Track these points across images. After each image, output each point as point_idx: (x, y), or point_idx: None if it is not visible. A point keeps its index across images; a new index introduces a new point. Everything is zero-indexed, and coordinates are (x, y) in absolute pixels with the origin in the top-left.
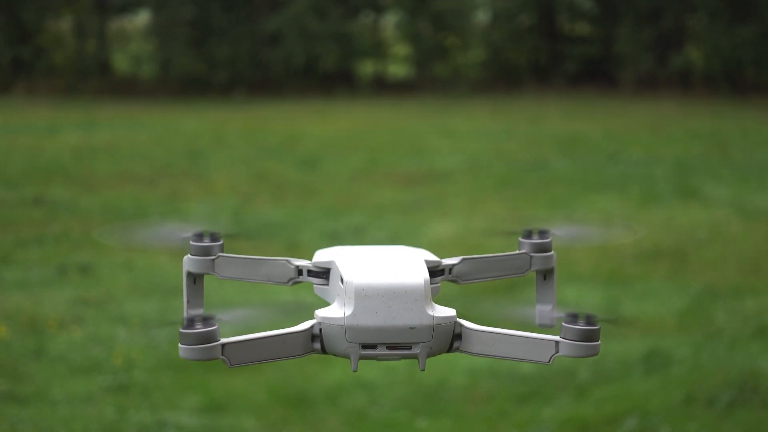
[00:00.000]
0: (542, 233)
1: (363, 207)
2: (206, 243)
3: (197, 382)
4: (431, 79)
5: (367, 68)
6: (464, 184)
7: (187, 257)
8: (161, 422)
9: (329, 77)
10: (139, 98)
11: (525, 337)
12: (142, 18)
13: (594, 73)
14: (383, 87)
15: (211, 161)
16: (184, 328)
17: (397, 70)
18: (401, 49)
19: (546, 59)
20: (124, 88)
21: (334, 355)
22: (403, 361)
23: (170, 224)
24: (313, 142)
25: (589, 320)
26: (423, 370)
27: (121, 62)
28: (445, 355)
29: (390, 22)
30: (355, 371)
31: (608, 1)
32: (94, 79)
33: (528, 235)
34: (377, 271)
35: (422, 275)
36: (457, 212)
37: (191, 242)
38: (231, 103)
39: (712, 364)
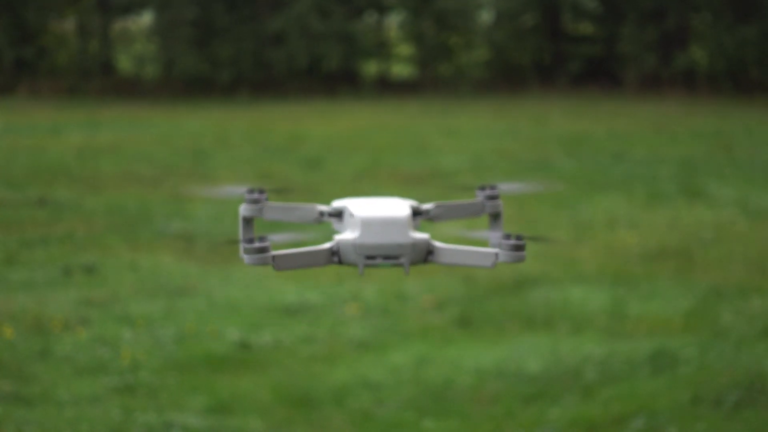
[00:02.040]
0: (492, 188)
1: None
2: (256, 195)
3: (203, 383)
4: (434, 78)
5: (370, 68)
6: (468, 184)
7: (243, 205)
8: (167, 423)
9: (332, 77)
10: (142, 98)
11: (476, 250)
12: (145, 18)
13: (597, 73)
14: (386, 87)
15: (214, 161)
16: (246, 243)
17: (401, 70)
18: (404, 49)
19: (549, 59)
20: (128, 89)
21: (347, 264)
22: (408, 361)
23: (231, 185)
24: (316, 142)
25: (518, 237)
26: (407, 274)
27: (124, 62)
28: (449, 357)
29: (393, 22)
30: (361, 274)
31: (612, 1)
32: (98, 80)
33: (482, 188)
34: (376, 209)
35: (406, 211)
36: None
37: (246, 195)
38: (234, 103)
39: (718, 364)
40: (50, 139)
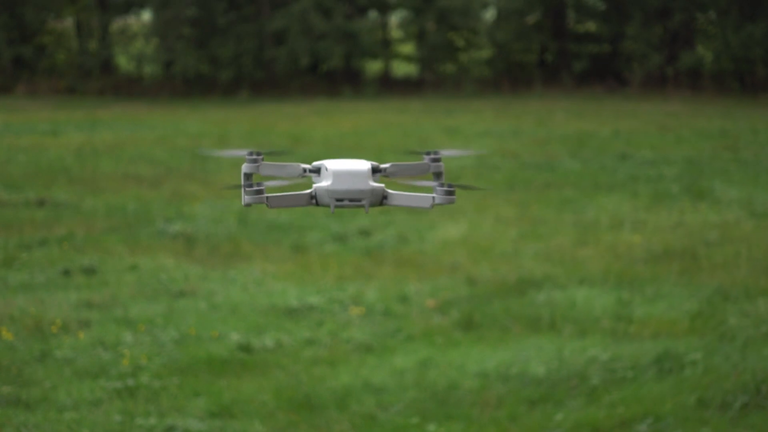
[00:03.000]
0: (435, 153)
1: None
2: (254, 156)
3: (204, 386)
4: (437, 77)
5: (372, 67)
6: (472, 185)
7: (245, 164)
8: (169, 427)
9: (334, 76)
10: (142, 98)
11: (419, 195)
12: (145, 17)
13: (602, 72)
14: (389, 86)
15: (215, 162)
16: (247, 187)
17: (403, 68)
18: (407, 47)
19: (553, 58)
20: (127, 88)
21: (322, 205)
22: (411, 364)
23: (237, 149)
24: (318, 141)
25: (449, 185)
26: (367, 212)
27: (124, 62)
28: (452, 360)
29: (396, 20)
30: (333, 213)
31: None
32: (97, 79)
33: (428, 153)
34: (345, 165)
35: (367, 166)
36: (464, 213)
37: (246, 156)
38: (235, 103)
39: (724, 367)
40: (49, 139)
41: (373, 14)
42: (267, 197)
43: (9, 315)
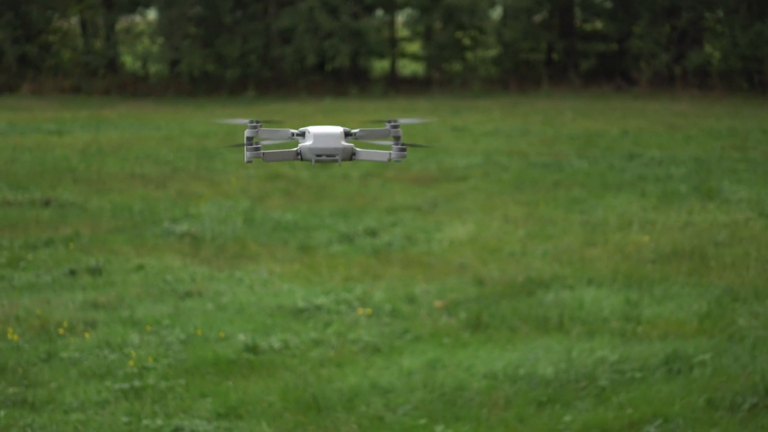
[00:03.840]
0: (395, 121)
1: (376, 208)
2: (254, 123)
3: (211, 387)
4: (444, 76)
5: (379, 66)
6: (479, 184)
7: (246, 130)
8: (175, 428)
9: (341, 75)
10: (148, 97)
11: (379, 152)
12: (151, 16)
13: (610, 71)
14: (395, 85)
15: (221, 162)
16: (248, 145)
17: (410, 67)
18: (414, 46)
19: (560, 56)
20: (133, 87)
21: (305, 160)
22: (419, 365)
23: (238, 118)
24: None
25: (403, 144)
26: (340, 165)
27: (129, 61)
28: (460, 361)
29: (402, 19)
30: (313, 165)
31: None
32: (102, 78)
33: (389, 121)
34: (322, 129)
35: (340, 130)
36: (472, 213)
37: (248, 123)
38: (241, 102)
39: (734, 368)
40: (54, 138)
41: (379, 13)
42: (263, 153)
43: (15, 315)
